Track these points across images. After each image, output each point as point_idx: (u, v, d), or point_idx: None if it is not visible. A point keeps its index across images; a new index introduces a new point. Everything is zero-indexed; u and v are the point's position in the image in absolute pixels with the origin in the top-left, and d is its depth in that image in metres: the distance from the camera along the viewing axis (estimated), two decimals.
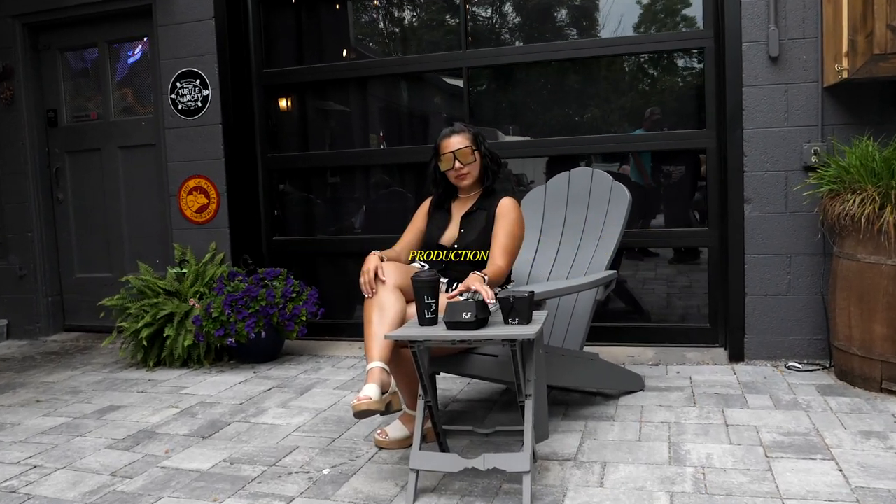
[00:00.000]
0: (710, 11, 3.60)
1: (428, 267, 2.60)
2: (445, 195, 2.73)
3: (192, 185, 4.29)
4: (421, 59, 4.18)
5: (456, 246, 2.61)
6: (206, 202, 4.27)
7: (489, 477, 2.23)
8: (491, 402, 3.04)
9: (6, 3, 4.61)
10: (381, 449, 2.55)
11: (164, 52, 4.30)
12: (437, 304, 2.16)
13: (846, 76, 3.00)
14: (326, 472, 2.38)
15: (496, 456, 2.07)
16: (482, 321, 2.10)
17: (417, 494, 2.12)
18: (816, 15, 3.24)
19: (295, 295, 3.77)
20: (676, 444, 2.46)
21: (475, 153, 2.62)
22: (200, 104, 4.24)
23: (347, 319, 4.35)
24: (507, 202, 2.60)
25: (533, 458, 2.10)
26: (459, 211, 2.69)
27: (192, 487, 2.30)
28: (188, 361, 3.83)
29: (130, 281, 4.03)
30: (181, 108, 4.28)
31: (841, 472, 2.18)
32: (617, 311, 3.97)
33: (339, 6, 4.49)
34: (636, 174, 3.97)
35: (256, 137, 4.41)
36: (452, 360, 2.43)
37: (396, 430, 2.58)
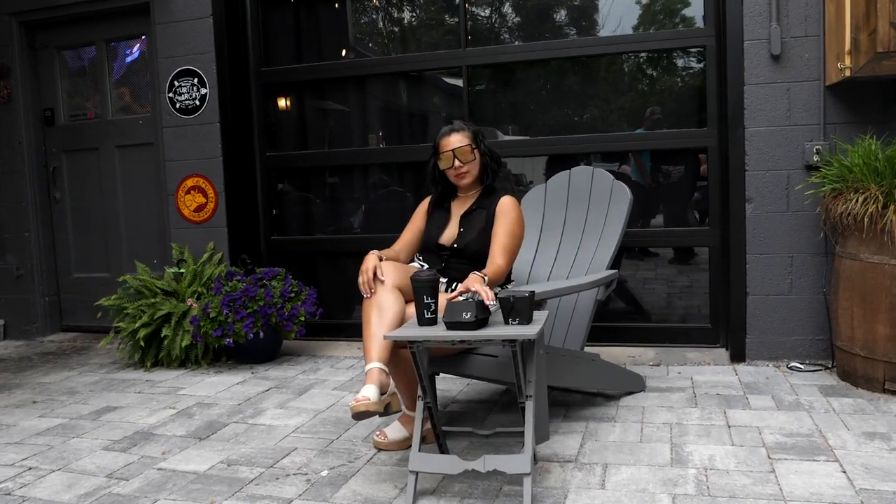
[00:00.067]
0: (711, 9, 3.58)
1: (427, 266, 2.58)
2: (445, 194, 2.71)
3: (189, 184, 4.27)
4: (420, 57, 4.15)
5: (455, 245, 2.59)
6: (203, 201, 4.25)
7: (489, 479, 2.21)
8: (491, 402, 3.02)
9: (3, 1, 4.59)
10: (379, 450, 2.53)
11: (161, 50, 4.28)
12: (436, 304, 2.13)
13: (849, 74, 2.98)
14: (325, 473, 2.35)
15: (496, 458, 2.05)
16: (482, 321, 2.08)
17: (417, 496, 2.10)
18: (819, 13, 3.22)
19: (293, 295, 3.75)
20: (678, 445, 2.44)
21: (475, 151, 2.59)
22: (198, 103, 4.22)
23: (346, 319, 4.32)
24: (506, 201, 2.58)
25: (534, 459, 2.08)
26: (459, 210, 2.66)
27: (188, 489, 2.27)
28: (186, 362, 3.81)
29: (128, 281, 4.00)
30: (179, 106, 4.26)
31: (845, 473, 2.16)
32: (617, 311, 3.95)
33: (338, 5, 4.47)
34: (636, 173, 3.95)
35: (255, 136, 4.38)
36: (452, 360, 2.41)
37: (395, 431, 2.55)
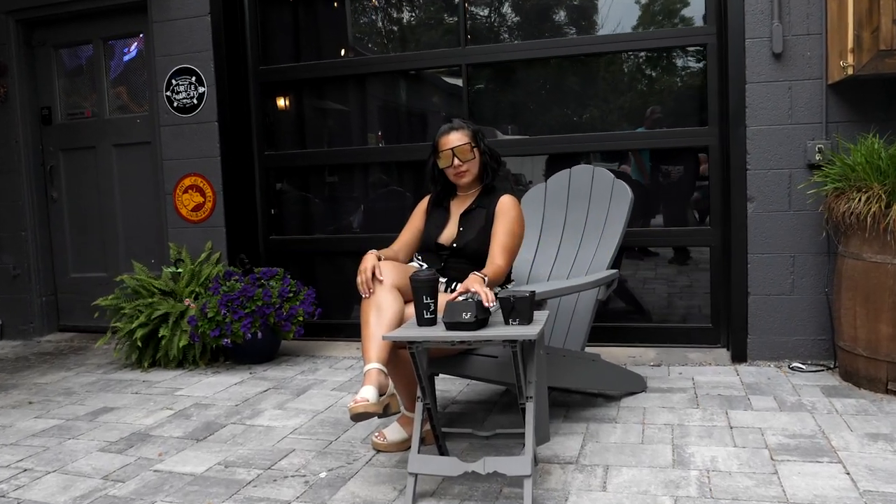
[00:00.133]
0: (712, 8, 3.55)
1: (426, 266, 2.56)
2: (444, 193, 2.68)
3: (187, 183, 4.24)
4: (420, 55, 4.13)
5: (454, 245, 2.56)
6: (201, 201, 4.22)
7: (489, 481, 2.19)
8: (490, 403, 2.99)
9: None
10: (378, 452, 2.51)
11: (159, 48, 4.25)
12: (435, 304, 2.11)
13: (851, 73, 2.95)
14: (323, 475, 2.33)
15: (497, 459, 2.02)
16: (482, 321, 2.06)
17: (416, 498, 2.08)
18: (821, 11, 3.20)
19: (292, 295, 3.72)
20: (680, 446, 2.42)
21: (474, 150, 2.57)
22: (196, 101, 4.19)
23: (345, 319, 4.30)
24: (506, 200, 2.55)
25: (534, 461, 2.06)
26: (458, 209, 2.64)
27: (185, 491, 2.25)
28: (183, 362, 3.78)
29: (125, 280, 3.97)
30: (177, 105, 4.23)
31: (848, 475, 2.14)
32: (618, 310, 3.92)
33: (336, 4, 4.45)
34: (637, 173, 3.93)
35: (253, 135, 4.35)
36: (451, 361, 2.39)
37: (394, 432, 2.53)
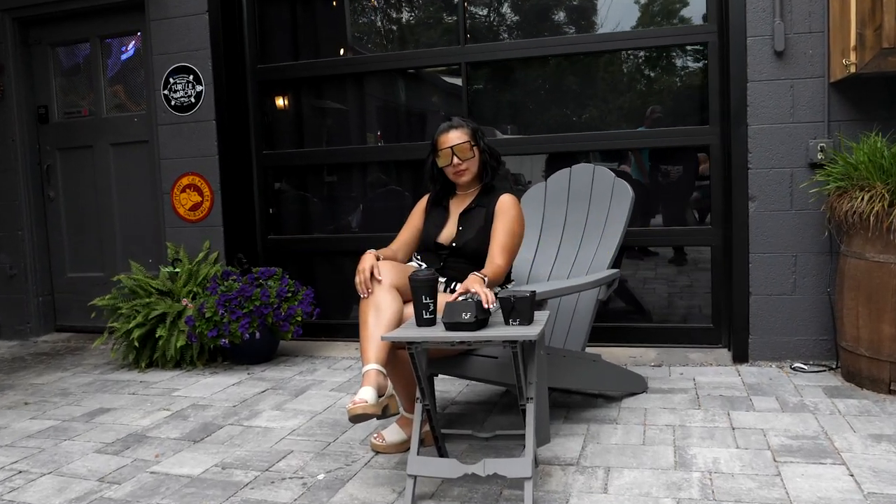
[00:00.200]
0: (713, 6, 3.53)
1: (425, 266, 2.53)
2: (443, 192, 2.66)
3: (185, 182, 4.21)
4: (419, 54, 4.11)
5: (454, 244, 2.54)
6: (199, 200, 4.19)
7: (489, 483, 2.16)
8: (490, 404, 2.97)
9: None
10: (377, 453, 2.48)
11: (156, 46, 4.22)
12: (435, 304, 2.09)
13: (854, 71, 2.93)
14: (321, 477, 2.30)
15: (497, 461, 2.00)
16: (482, 322, 2.03)
17: (415, 500, 2.05)
18: (823, 9, 3.18)
19: (290, 295, 3.70)
20: (682, 447, 2.40)
21: (474, 149, 2.54)
22: (194, 100, 4.16)
23: (344, 320, 4.27)
24: (506, 199, 2.53)
25: (534, 463, 2.03)
26: (457, 208, 2.61)
27: (182, 494, 2.22)
28: (181, 362, 3.75)
29: (122, 280, 3.95)
30: (174, 104, 4.20)
31: (852, 477, 2.11)
32: (618, 310, 3.90)
33: (335, 3, 4.42)
34: (637, 172, 3.91)
35: (251, 134, 4.33)
36: (451, 361, 2.36)
37: (393, 433, 2.50)
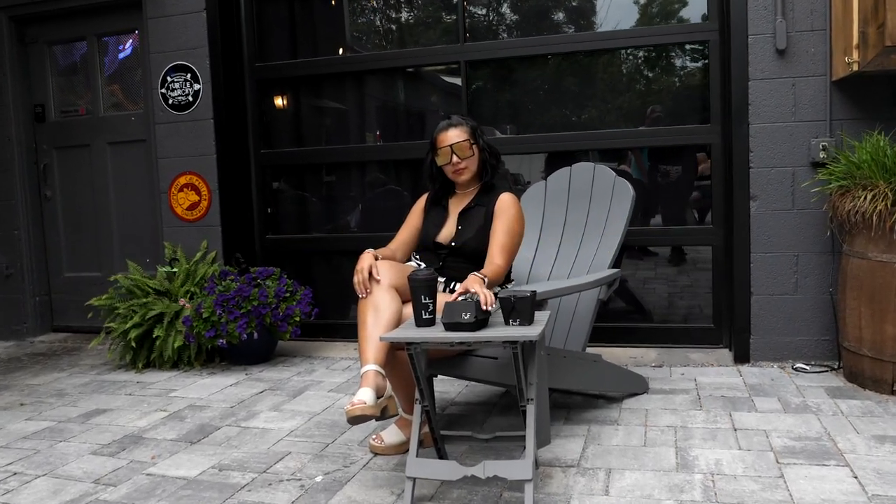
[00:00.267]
0: (714, 3, 3.50)
1: (424, 265, 2.51)
2: (442, 191, 2.63)
3: (182, 181, 4.18)
4: (418, 52, 4.08)
5: (453, 243, 2.51)
6: (197, 199, 4.17)
7: (489, 485, 2.14)
8: (490, 405, 2.94)
9: None
10: (376, 455, 2.46)
11: (153, 45, 4.20)
12: (434, 304, 2.06)
13: (857, 69, 2.91)
14: (319, 479, 2.28)
15: (497, 463, 1.97)
16: (482, 322, 2.01)
17: (414, 503, 2.02)
18: (825, 6, 3.15)
19: (288, 295, 3.67)
20: (683, 449, 2.37)
21: (473, 147, 2.52)
22: (191, 99, 4.13)
23: (342, 320, 4.24)
24: (506, 198, 2.50)
25: (535, 465, 2.01)
26: (457, 207, 2.59)
27: (178, 496, 2.20)
28: (178, 363, 3.72)
29: (119, 280, 3.92)
30: (171, 102, 4.18)
31: (856, 479, 2.09)
32: (618, 310, 3.88)
33: (334, 1, 4.39)
34: (636, 171, 3.88)
35: (249, 133, 4.30)
36: (450, 362, 2.34)
37: (392, 435, 2.48)
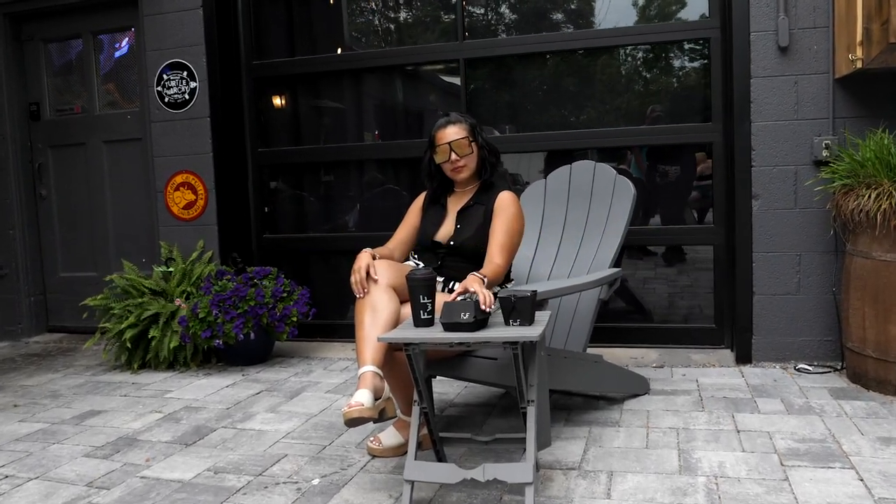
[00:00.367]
0: (716, 0, 3.47)
1: (423, 265, 2.47)
2: (441, 189, 2.60)
3: (179, 180, 4.15)
4: (417, 50, 4.05)
5: (452, 242, 2.48)
6: (193, 198, 4.13)
7: (489, 488, 2.10)
8: (489, 406, 2.91)
9: None
10: (374, 457, 2.42)
11: (150, 42, 4.16)
12: (433, 304, 2.02)
13: (860, 66, 2.87)
14: (316, 482, 2.24)
15: (497, 466, 1.94)
16: (481, 322, 1.97)
17: None
18: (828, 3, 3.12)
19: (285, 294, 3.64)
20: (686, 451, 2.34)
21: (472, 144, 2.48)
22: (188, 97, 4.10)
23: (340, 320, 4.21)
24: (505, 196, 2.47)
25: (536, 467, 1.97)
26: (455, 206, 2.55)
27: (172, 499, 2.16)
28: (174, 364, 3.69)
29: (114, 280, 3.88)
30: (168, 100, 4.14)
31: (862, 481, 2.06)
32: (618, 311, 3.84)
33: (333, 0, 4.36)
34: (636, 171, 3.85)
35: (246, 131, 4.26)
36: (449, 363, 2.30)
37: (390, 437, 2.44)
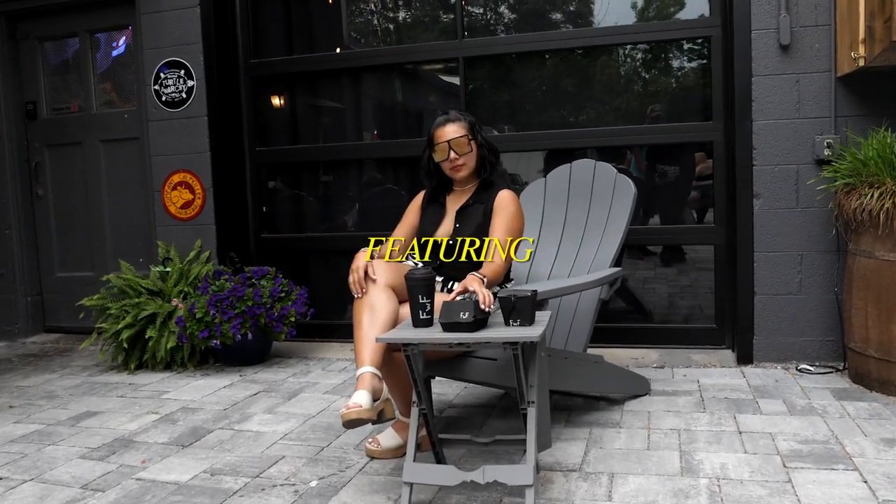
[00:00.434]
0: None
1: (422, 264, 2.45)
2: (440, 188, 2.57)
3: (176, 179, 4.12)
4: (416, 48, 4.02)
5: (451, 242, 2.45)
6: (191, 198, 4.10)
7: (489, 490, 2.08)
8: (489, 407, 2.88)
9: None
10: (372, 459, 2.39)
11: (147, 41, 4.13)
12: (432, 303, 2.00)
13: (863, 64, 2.85)
14: (314, 484, 2.22)
15: (496, 468, 1.91)
16: (481, 322, 1.95)
17: None
18: (829, 1, 3.10)
19: (283, 294, 3.61)
20: (688, 452, 2.31)
21: (471, 143, 2.46)
22: (185, 95, 4.07)
23: (339, 320, 4.18)
24: (505, 195, 2.45)
25: (536, 469, 1.95)
26: (454, 205, 2.53)
27: (168, 502, 2.13)
28: (171, 364, 3.66)
29: (111, 280, 3.85)
30: (165, 99, 4.11)
31: (866, 483, 2.03)
32: (618, 311, 3.82)
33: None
34: (636, 170, 3.83)
35: (244, 131, 4.24)
36: (449, 363, 2.28)
37: (389, 438, 2.42)
